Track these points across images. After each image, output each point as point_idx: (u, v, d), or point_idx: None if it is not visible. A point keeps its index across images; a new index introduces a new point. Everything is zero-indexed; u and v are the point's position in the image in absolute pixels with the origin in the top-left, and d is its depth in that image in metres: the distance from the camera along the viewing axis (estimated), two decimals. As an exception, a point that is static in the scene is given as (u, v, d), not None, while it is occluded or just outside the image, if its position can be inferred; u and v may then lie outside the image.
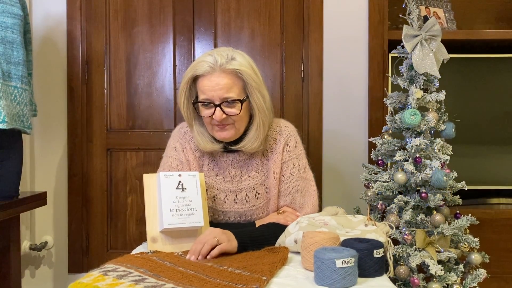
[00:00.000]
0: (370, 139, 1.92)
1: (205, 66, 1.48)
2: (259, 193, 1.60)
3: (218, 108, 1.48)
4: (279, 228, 1.50)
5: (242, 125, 1.55)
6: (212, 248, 1.33)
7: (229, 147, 1.58)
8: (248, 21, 2.41)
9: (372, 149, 1.91)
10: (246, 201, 1.60)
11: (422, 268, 1.65)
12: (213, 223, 1.56)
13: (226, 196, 1.60)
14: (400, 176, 1.71)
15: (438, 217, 1.67)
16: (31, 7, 2.37)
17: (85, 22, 2.41)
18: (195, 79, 1.53)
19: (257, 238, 1.44)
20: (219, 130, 1.53)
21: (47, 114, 2.39)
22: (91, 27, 2.42)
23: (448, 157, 1.75)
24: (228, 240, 1.36)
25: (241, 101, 1.50)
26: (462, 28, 2.44)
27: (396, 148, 1.82)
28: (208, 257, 1.32)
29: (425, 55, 1.74)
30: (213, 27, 2.42)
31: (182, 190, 1.44)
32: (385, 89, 2.22)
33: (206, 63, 1.48)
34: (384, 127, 1.89)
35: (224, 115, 1.49)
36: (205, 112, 1.52)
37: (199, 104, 1.52)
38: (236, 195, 1.60)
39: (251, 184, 1.60)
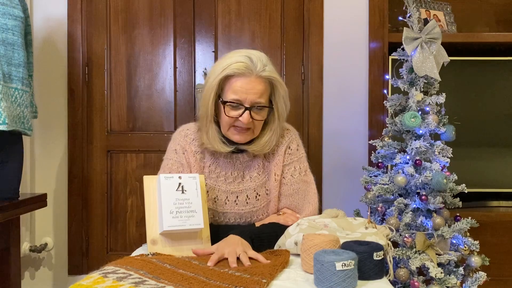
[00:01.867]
0: (370, 142, 1.92)
1: (242, 67, 1.46)
2: (259, 195, 1.60)
3: (247, 112, 1.47)
4: (279, 228, 1.50)
5: (259, 130, 1.56)
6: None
7: (238, 146, 1.57)
8: (248, 23, 2.42)
9: (372, 152, 1.91)
10: (247, 203, 1.60)
11: (422, 270, 1.65)
12: (213, 225, 1.56)
13: (227, 197, 1.60)
14: (400, 179, 1.71)
15: (438, 219, 1.67)
16: (32, 9, 2.37)
17: (86, 24, 2.42)
18: (225, 77, 1.50)
19: (259, 236, 1.44)
20: (237, 133, 1.52)
21: (47, 115, 2.40)
22: (91, 29, 2.42)
23: (448, 160, 1.76)
24: (243, 246, 1.35)
25: (270, 108, 1.53)
26: (462, 31, 2.44)
27: (396, 150, 1.82)
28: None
29: (425, 58, 1.75)
30: (213, 30, 2.42)
31: (182, 192, 1.44)
32: (385, 91, 2.22)
33: (243, 64, 1.46)
34: (384, 129, 1.89)
35: (251, 120, 1.49)
36: (232, 113, 1.49)
37: (227, 103, 1.50)
38: (237, 197, 1.60)
39: (252, 186, 1.60)
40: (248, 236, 1.41)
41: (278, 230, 1.49)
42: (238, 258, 1.30)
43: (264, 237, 1.45)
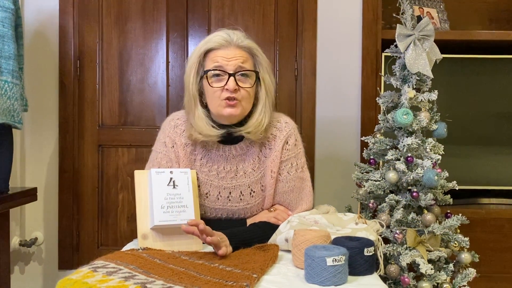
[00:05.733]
0: (363, 138, 1.92)
1: (220, 39, 1.49)
2: (254, 191, 1.56)
3: (232, 78, 1.46)
4: (270, 228, 1.49)
5: (248, 105, 1.51)
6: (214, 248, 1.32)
7: (231, 130, 1.52)
8: (242, 18, 2.41)
9: (364, 148, 1.91)
10: (240, 199, 1.56)
11: (412, 267, 1.66)
12: (205, 220, 1.54)
13: (219, 193, 1.56)
14: (392, 175, 1.72)
15: (429, 216, 1.68)
16: (23, 1, 2.35)
17: (78, 17, 2.39)
18: (205, 54, 1.51)
19: (249, 240, 1.42)
20: (226, 106, 1.47)
21: (38, 109, 2.37)
22: (83, 22, 2.40)
23: (440, 157, 1.76)
24: (226, 246, 1.35)
25: (256, 73, 1.51)
26: (455, 28, 2.45)
27: (388, 147, 1.82)
28: (208, 239, 1.28)
29: (418, 55, 1.75)
30: (206, 24, 2.41)
31: (174, 187, 1.43)
32: (378, 88, 2.23)
33: (220, 37, 1.49)
34: (376, 126, 1.89)
35: (237, 87, 1.46)
36: (217, 84, 1.48)
37: (210, 75, 1.48)
38: (230, 192, 1.55)
39: (247, 182, 1.56)
40: (236, 241, 1.39)
41: (269, 231, 1.48)
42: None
43: (254, 241, 1.42)
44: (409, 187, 1.74)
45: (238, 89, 1.47)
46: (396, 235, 1.63)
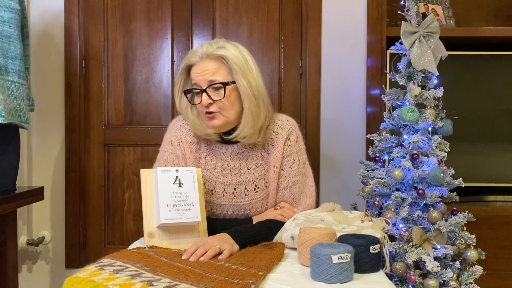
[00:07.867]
0: (368, 136, 1.92)
1: (195, 56, 1.53)
2: (258, 187, 1.59)
3: (204, 93, 1.51)
4: (276, 225, 1.50)
5: (230, 113, 1.53)
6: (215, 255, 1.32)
7: (225, 137, 1.59)
8: (246, 16, 2.41)
9: (370, 146, 1.91)
10: (245, 195, 1.59)
11: (418, 264, 1.66)
12: (211, 219, 1.56)
13: (224, 189, 1.59)
14: (397, 173, 1.71)
15: (435, 213, 1.68)
16: (29, 1, 2.36)
17: (83, 17, 2.41)
18: (189, 70, 1.57)
19: (255, 236, 1.44)
20: (208, 119, 1.54)
21: (44, 109, 2.39)
22: (89, 22, 2.41)
23: (445, 154, 1.76)
24: (230, 245, 1.36)
25: (224, 84, 1.51)
26: (461, 25, 2.43)
27: (393, 144, 1.82)
28: (204, 257, 1.30)
29: (423, 52, 1.74)
30: (211, 23, 2.41)
31: (179, 186, 1.44)
32: (383, 85, 2.22)
33: (196, 52, 1.54)
34: (382, 124, 1.88)
35: (210, 100, 1.51)
36: (196, 99, 1.55)
37: (193, 92, 1.56)
38: (234, 188, 1.59)
39: (251, 178, 1.59)
40: (241, 239, 1.40)
41: (274, 228, 1.49)
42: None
43: (260, 238, 1.44)
44: (415, 185, 1.74)
45: (213, 102, 1.52)
46: (402, 233, 1.63)
